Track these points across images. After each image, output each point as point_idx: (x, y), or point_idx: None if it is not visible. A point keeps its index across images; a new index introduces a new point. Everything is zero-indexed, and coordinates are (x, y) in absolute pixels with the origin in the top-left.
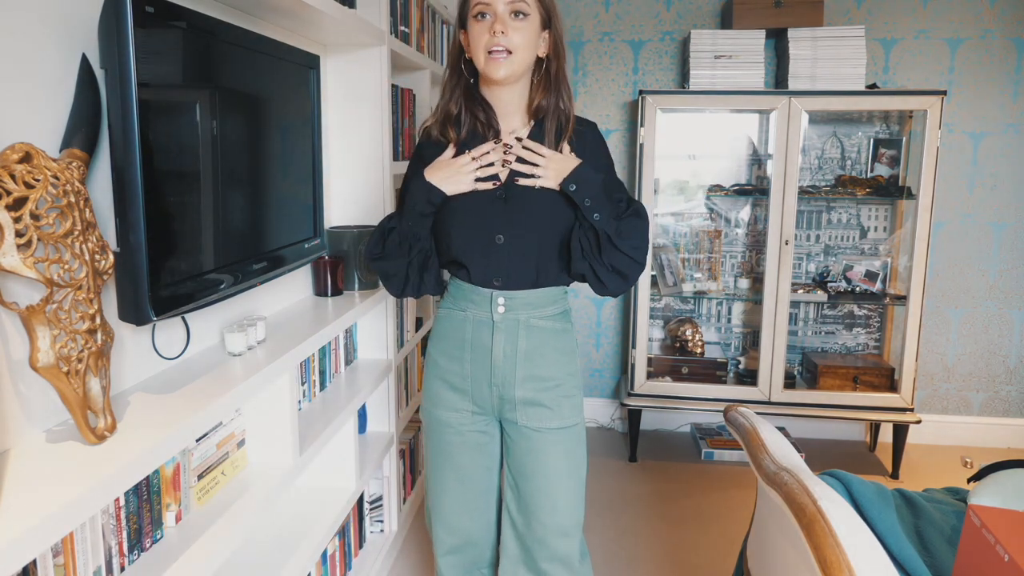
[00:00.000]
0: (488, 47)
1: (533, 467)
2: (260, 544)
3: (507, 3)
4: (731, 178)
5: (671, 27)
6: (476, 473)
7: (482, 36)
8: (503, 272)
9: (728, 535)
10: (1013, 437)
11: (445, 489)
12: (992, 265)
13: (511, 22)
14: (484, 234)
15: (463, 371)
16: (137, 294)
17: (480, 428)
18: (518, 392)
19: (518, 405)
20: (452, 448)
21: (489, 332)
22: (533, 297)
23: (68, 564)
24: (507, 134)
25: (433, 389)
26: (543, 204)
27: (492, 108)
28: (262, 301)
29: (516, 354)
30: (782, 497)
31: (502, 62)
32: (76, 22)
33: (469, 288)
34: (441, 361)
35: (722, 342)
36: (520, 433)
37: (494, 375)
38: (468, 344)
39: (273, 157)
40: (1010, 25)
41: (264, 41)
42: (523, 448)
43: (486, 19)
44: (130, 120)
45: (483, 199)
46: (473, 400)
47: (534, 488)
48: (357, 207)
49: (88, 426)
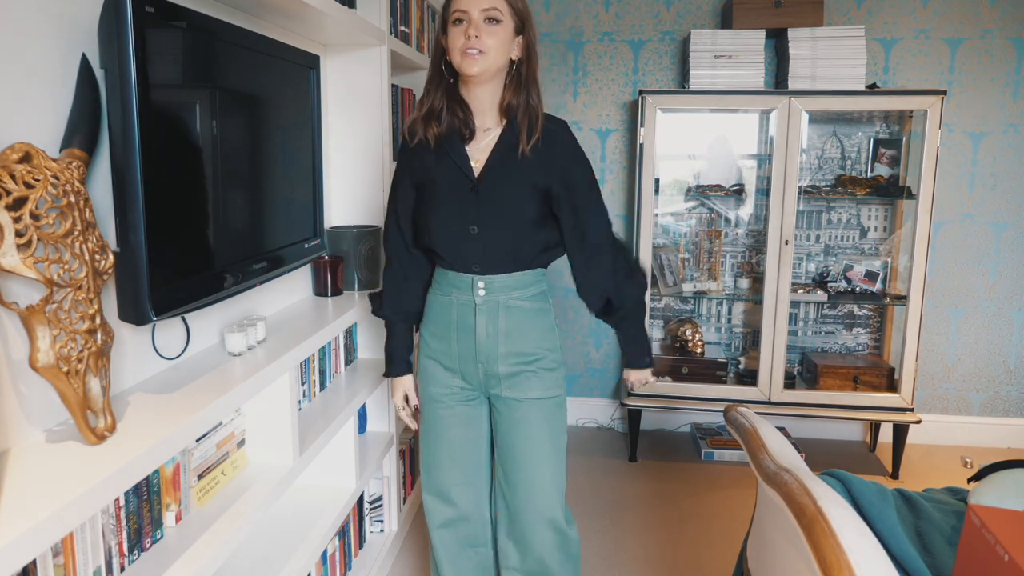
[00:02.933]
0: (463, 48)
1: (516, 434)
2: (260, 544)
3: (482, 11)
4: (731, 178)
5: (671, 27)
6: (465, 445)
7: (459, 39)
8: (480, 259)
9: (728, 535)
10: (1013, 437)
11: (437, 462)
12: (992, 265)
13: (485, 27)
14: (460, 226)
15: (451, 350)
16: (137, 294)
17: (469, 402)
18: (501, 367)
19: (502, 379)
20: (442, 422)
21: (472, 314)
22: (511, 280)
23: (68, 564)
24: (481, 131)
25: (425, 368)
26: (511, 197)
27: (469, 107)
28: (262, 301)
29: (498, 333)
30: (782, 497)
31: (476, 59)
32: (76, 22)
33: (452, 275)
34: (432, 342)
35: (722, 342)
36: (505, 404)
37: (479, 353)
38: (454, 326)
39: (273, 157)
40: (1010, 25)
41: (264, 41)
42: (508, 419)
43: (462, 24)
44: (130, 120)
45: (458, 193)
46: (462, 377)
47: (519, 454)
48: (357, 207)
49: (88, 426)
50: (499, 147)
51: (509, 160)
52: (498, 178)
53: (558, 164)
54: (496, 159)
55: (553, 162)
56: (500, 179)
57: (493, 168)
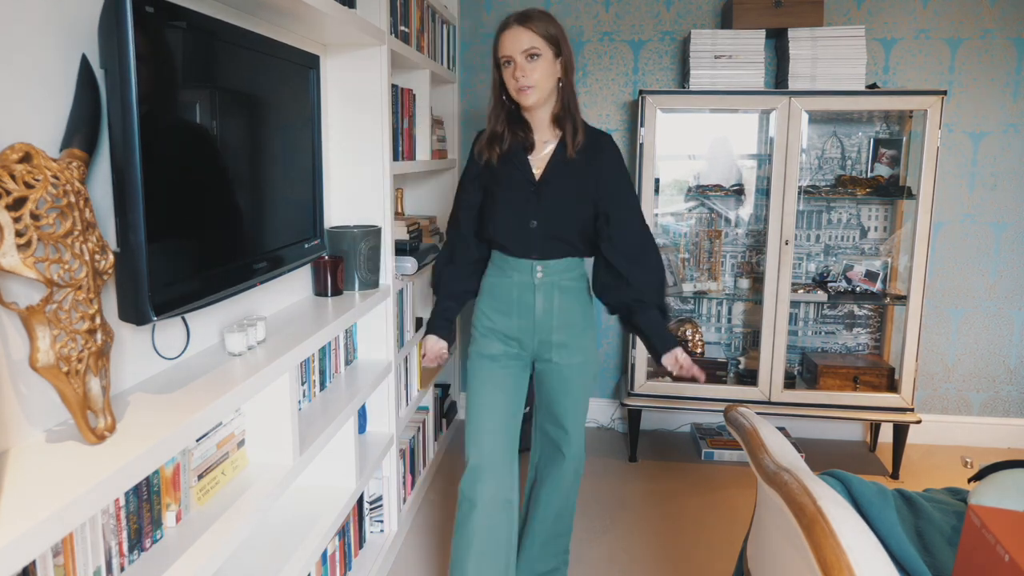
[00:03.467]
0: (516, 87)
1: (563, 391)
2: (260, 544)
3: (522, 52)
4: (731, 178)
5: (671, 27)
6: (510, 392)
7: (510, 80)
8: (537, 248)
9: (728, 535)
10: (1013, 437)
11: (484, 405)
12: (992, 265)
13: (528, 64)
14: (522, 220)
15: (511, 323)
16: (137, 294)
17: (520, 362)
18: (555, 336)
19: (554, 347)
20: (496, 375)
21: (532, 293)
22: (562, 265)
23: (68, 564)
24: (541, 143)
25: (486, 338)
26: (565, 198)
27: (530, 126)
28: (262, 301)
29: (553, 308)
30: (782, 497)
31: (529, 92)
32: (76, 22)
33: (514, 260)
34: (494, 317)
35: (722, 342)
36: (552, 367)
37: (536, 325)
38: (515, 303)
39: (273, 157)
40: (1010, 25)
41: (264, 41)
42: (557, 377)
43: (510, 66)
44: (130, 120)
45: (521, 195)
46: (520, 344)
47: (561, 406)
48: (357, 207)
49: (88, 426)
50: (555, 157)
51: (564, 167)
52: (555, 181)
53: (604, 171)
54: (553, 167)
55: (600, 169)
56: (556, 183)
57: (551, 174)
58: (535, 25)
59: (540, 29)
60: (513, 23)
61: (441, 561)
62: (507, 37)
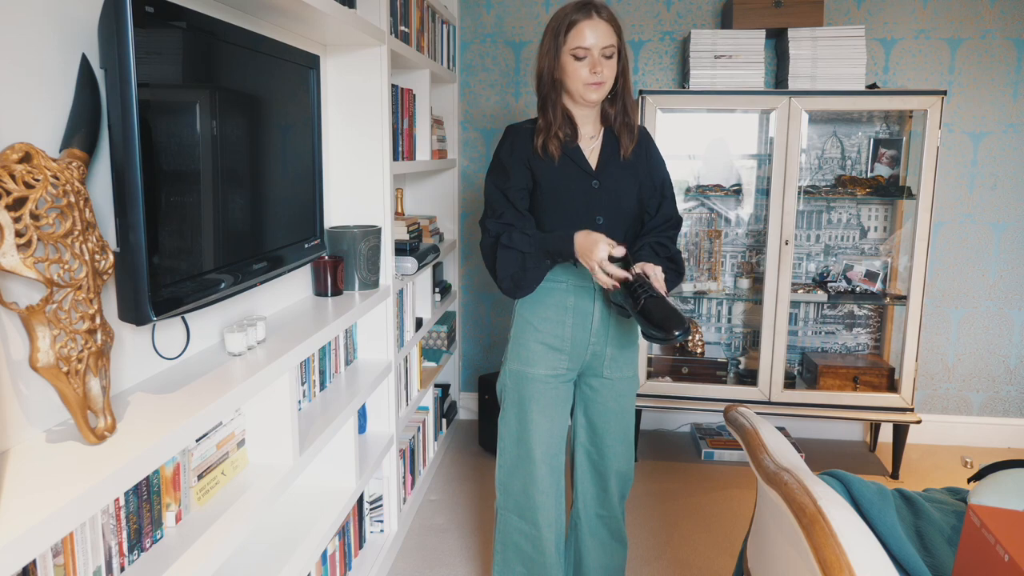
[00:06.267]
0: (587, 81)
1: (615, 409)
2: (260, 544)
3: (602, 48)
4: (731, 178)
5: (671, 27)
6: (559, 417)
7: (581, 71)
8: None
9: (728, 535)
10: (1013, 437)
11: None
12: (992, 265)
13: (604, 62)
14: (586, 217)
15: (563, 333)
16: (137, 294)
17: (567, 385)
18: (609, 349)
19: (606, 360)
20: (544, 397)
21: (591, 298)
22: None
23: (68, 564)
24: (586, 139)
25: (533, 351)
26: (624, 191)
27: (575, 120)
28: (262, 301)
29: (610, 316)
30: (782, 497)
31: (599, 89)
32: (76, 22)
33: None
34: (543, 326)
35: (722, 342)
36: (605, 384)
37: (593, 334)
38: (570, 309)
39: (273, 157)
40: (1010, 25)
41: (264, 41)
42: (608, 395)
43: (584, 60)
44: (130, 120)
45: (581, 189)
46: (570, 357)
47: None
48: (357, 207)
49: (88, 426)
50: (604, 150)
51: (616, 162)
52: (613, 173)
53: (651, 164)
54: (605, 162)
55: (648, 162)
56: (615, 175)
57: (607, 165)
58: (615, 22)
59: (616, 27)
60: (594, 14)
61: (441, 561)
62: (589, 28)
